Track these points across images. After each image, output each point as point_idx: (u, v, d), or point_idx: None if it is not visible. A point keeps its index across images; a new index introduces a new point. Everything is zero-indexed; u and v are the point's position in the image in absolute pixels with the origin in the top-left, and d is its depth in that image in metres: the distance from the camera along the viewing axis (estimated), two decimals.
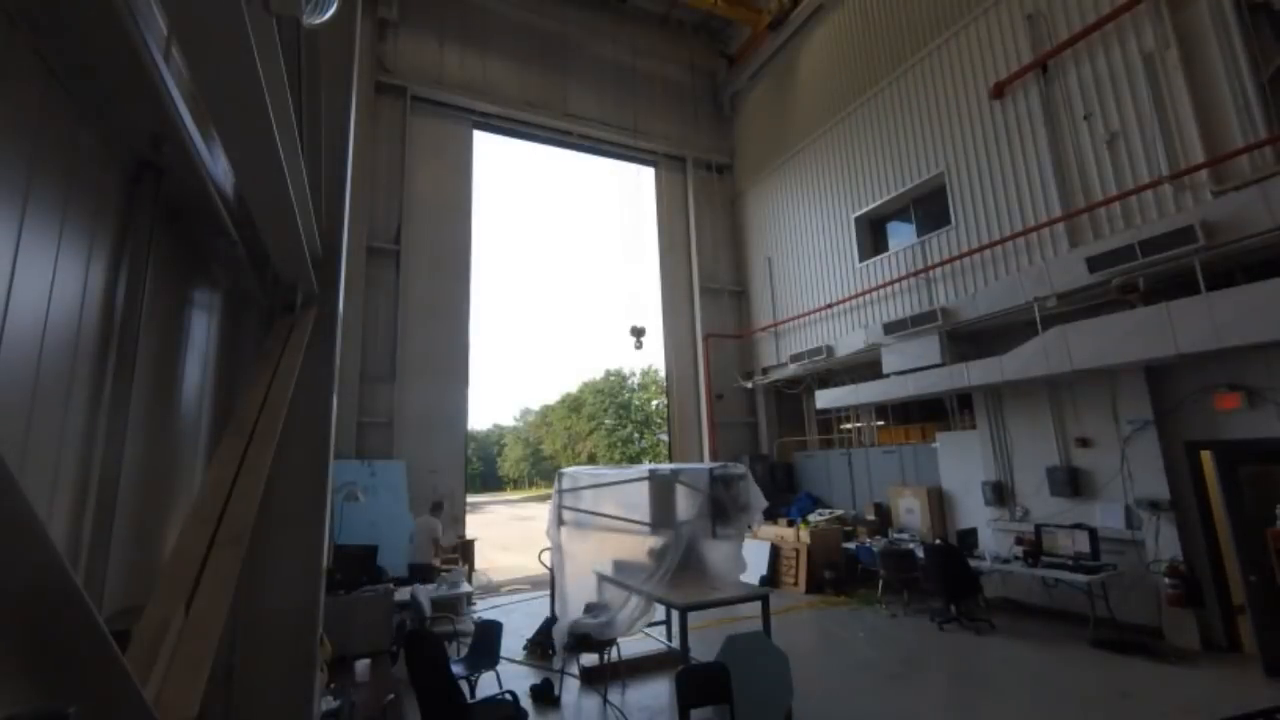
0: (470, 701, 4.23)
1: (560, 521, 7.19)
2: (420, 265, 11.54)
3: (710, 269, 14.63)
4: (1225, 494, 6.44)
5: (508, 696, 4.41)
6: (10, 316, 1.65)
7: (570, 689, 6.02)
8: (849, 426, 12.90)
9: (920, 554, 8.48)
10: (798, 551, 10.17)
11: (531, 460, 52.05)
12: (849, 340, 11.11)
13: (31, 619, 0.99)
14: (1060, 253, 7.79)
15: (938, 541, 8.54)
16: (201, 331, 3.39)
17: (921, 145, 10.06)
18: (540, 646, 7.04)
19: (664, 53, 15.24)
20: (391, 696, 4.52)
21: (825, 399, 11.34)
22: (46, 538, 0.97)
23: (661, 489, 6.45)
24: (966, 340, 9.25)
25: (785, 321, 13.07)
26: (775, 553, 10.64)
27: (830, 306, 11.77)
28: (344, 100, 3.26)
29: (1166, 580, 6.52)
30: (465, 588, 7.79)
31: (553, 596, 7.11)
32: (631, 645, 6.39)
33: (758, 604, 5.99)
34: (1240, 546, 6.25)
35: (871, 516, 10.70)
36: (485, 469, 57.59)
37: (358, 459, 9.93)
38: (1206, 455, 6.82)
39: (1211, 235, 6.12)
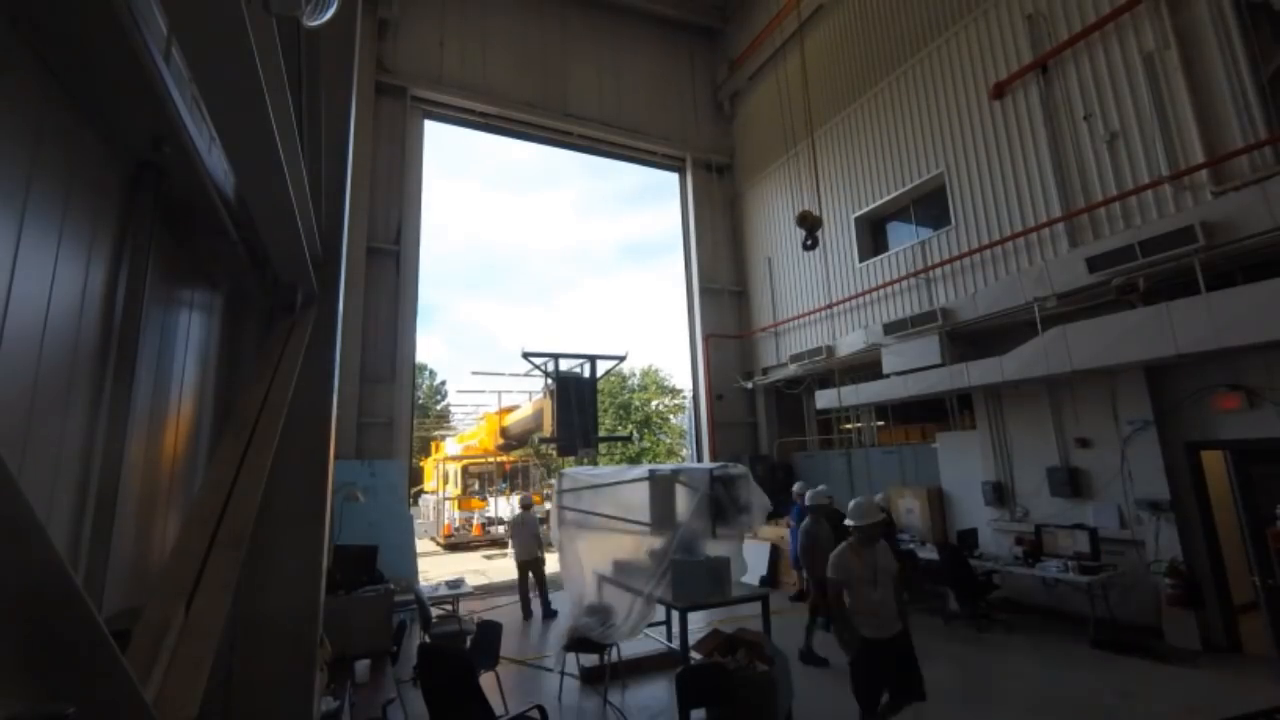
0: (498, 716, 4.19)
1: (561, 522, 7.19)
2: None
3: (710, 269, 14.63)
4: (1242, 495, 6.42)
5: (534, 715, 4.34)
6: (10, 316, 1.65)
7: (570, 689, 6.02)
8: (849, 426, 12.90)
9: (920, 554, 8.55)
10: None
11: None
12: (849, 340, 11.11)
13: (31, 619, 0.99)
14: (1060, 253, 7.79)
15: (925, 544, 8.67)
16: (201, 331, 3.39)
17: (921, 145, 10.06)
18: None
19: (664, 53, 15.24)
20: (393, 697, 4.52)
21: (825, 399, 11.34)
22: (46, 538, 0.97)
23: (661, 489, 6.45)
24: (966, 340, 9.24)
25: (785, 322, 13.07)
26: (775, 553, 10.64)
27: (830, 306, 11.77)
28: (344, 100, 3.26)
29: (1166, 580, 6.52)
30: (466, 588, 7.79)
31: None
32: (631, 645, 6.38)
33: (758, 604, 6.00)
34: (1257, 549, 6.21)
35: None
36: None
37: (358, 459, 9.93)
38: (1208, 455, 6.81)
39: (1211, 235, 6.11)
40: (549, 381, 11.05)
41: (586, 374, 11.08)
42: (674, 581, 5.78)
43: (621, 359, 11.70)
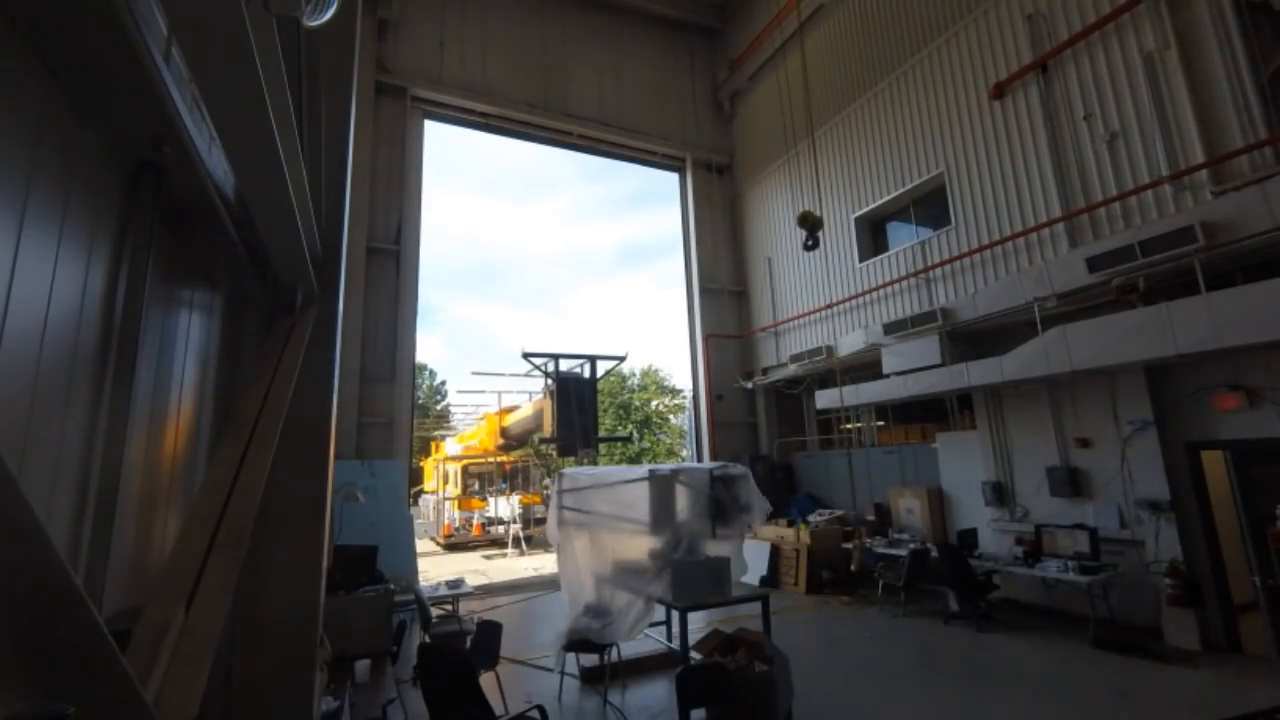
0: (498, 716, 4.18)
1: (561, 522, 7.18)
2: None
3: (710, 269, 14.63)
4: (1242, 495, 6.41)
5: (534, 715, 4.34)
6: (10, 316, 1.65)
7: (570, 689, 6.02)
8: (849, 426, 12.90)
9: (907, 555, 8.66)
10: (798, 552, 10.17)
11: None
12: (849, 340, 11.11)
13: (31, 619, 0.99)
14: (1060, 253, 7.79)
15: (920, 546, 8.68)
16: (201, 331, 3.39)
17: (921, 145, 10.07)
18: None
19: (664, 53, 15.24)
20: (393, 697, 4.51)
21: (825, 399, 11.34)
22: (46, 538, 0.97)
23: (661, 489, 6.44)
24: (966, 340, 9.25)
25: (785, 322, 13.07)
26: (775, 553, 10.64)
27: (830, 306, 11.77)
28: (344, 101, 3.26)
29: (1166, 580, 6.52)
30: (465, 588, 7.79)
31: None
32: (631, 645, 6.38)
33: (758, 604, 6.00)
34: (1257, 549, 6.19)
35: (872, 516, 10.70)
36: None
37: (358, 459, 9.93)
38: (1208, 455, 6.81)
39: (1211, 235, 6.11)
40: (549, 382, 11.06)
41: (586, 374, 11.09)
42: (674, 581, 5.78)
43: (621, 359, 11.71)
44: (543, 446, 18.33)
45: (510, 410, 17.14)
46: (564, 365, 11.08)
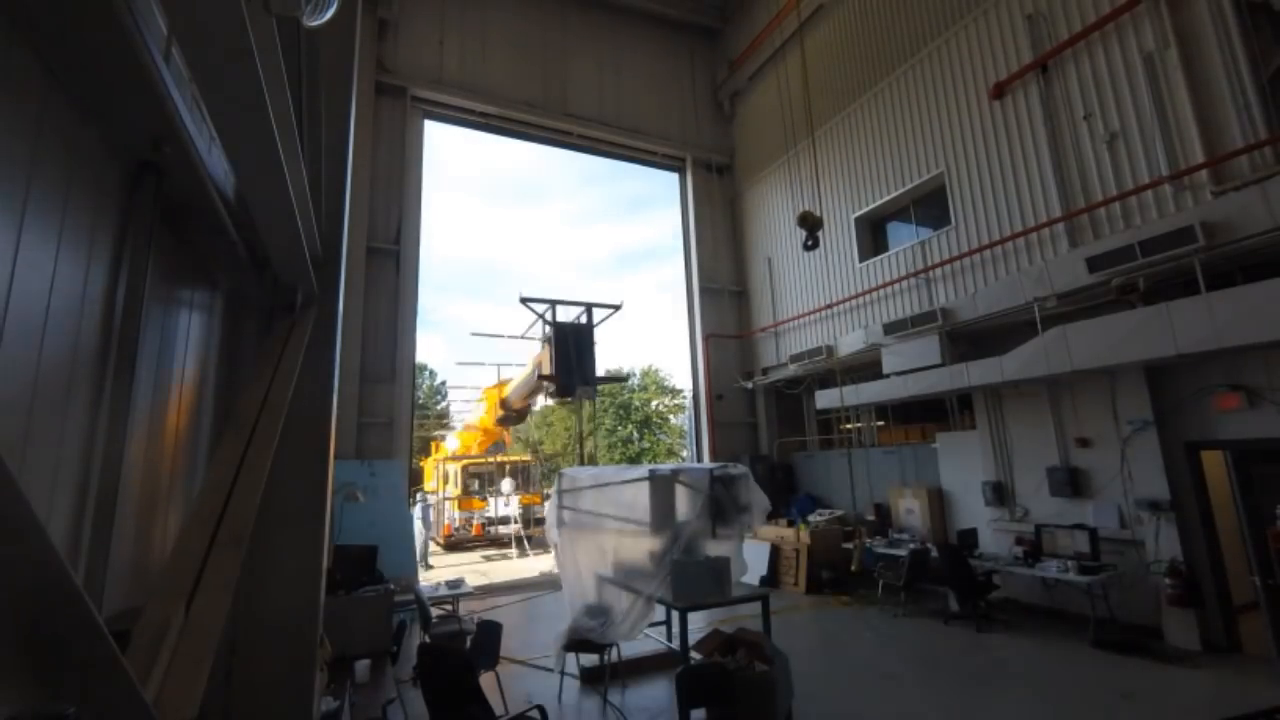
0: (498, 716, 4.18)
1: (560, 522, 7.19)
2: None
3: (710, 269, 14.64)
4: (1242, 495, 6.40)
5: (534, 715, 4.33)
6: (10, 316, 1.65)
7: (570, 689, 6.02)
8: (849, 426, 12.89)
9: (907, 555, 8.67)
10: (798, 552, 10.17)
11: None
12: (849, 340, 11.11)
13: (31, 619, 0.99)
14: (1060, 253, 7.79)
15: (920, 546, 8.70)
16: (201, 331, 3.39)
17: (921, 145, 10.07)
18: None
19: (664, 53, 15.24)
20: (393, 697, 4.51)
21: (825, 399, 11.34)
22: (46, 538, 0.97)
23: (661, 489, 6.44)
24: (966, 340, 9.25)
25: (785, 322, 13.07)
26: (775, 553, 10.65)
27: (830, 306, 11.77)
28: (344, 100, 3.27)
29: (1166, 580, 6.52)
30: (465, 587, 7.78)
31: None
32: (631, 645, 6.38)
33: (758, 604, 6.00)
34: (1257, 549, 6.18)
35: (872, 516, 10.70)
36: None
37: (358, 459, 9.93)
38: (1208, 455, 6.81)
39: (1211, 235, 6.11)
40: (546, 328, 10.87)
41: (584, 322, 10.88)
42: (674, 581, 5.78)
43: (617, 308, 11.39)
44: (541, 446, 18.31)
45: (508, 382, 17.09)
46: (561, 317, 10.91)
